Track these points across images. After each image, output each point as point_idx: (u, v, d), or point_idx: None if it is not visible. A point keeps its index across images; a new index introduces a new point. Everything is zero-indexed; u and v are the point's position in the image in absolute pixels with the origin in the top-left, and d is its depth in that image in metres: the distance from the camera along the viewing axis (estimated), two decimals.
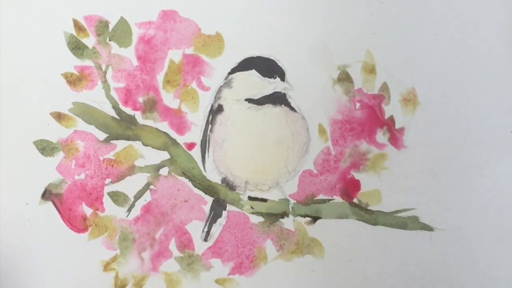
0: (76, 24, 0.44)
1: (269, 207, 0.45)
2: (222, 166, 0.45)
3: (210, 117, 0.45)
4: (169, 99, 0.45)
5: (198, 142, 0.45)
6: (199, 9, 0.45)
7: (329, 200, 0.45)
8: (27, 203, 0.44)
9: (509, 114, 0.45)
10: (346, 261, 0.45)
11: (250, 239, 0.45)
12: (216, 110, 0.44)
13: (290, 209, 0.45)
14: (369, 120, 0.45)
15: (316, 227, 0.45)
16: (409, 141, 0.45)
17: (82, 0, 0.44)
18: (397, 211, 0.45)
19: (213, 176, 0.45)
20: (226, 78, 0.45)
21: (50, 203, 0.44)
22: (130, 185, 0.44)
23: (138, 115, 0.45)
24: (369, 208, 0.45)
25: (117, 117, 0.45)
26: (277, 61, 0.45)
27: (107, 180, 0.44)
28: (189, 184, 0.45)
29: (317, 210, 0.45)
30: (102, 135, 0.44)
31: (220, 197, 0.45)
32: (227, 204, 0.45)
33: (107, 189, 0.44)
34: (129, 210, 0.44)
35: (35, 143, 0.44)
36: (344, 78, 0.45)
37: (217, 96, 0.45)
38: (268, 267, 0.45)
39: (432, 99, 0.45)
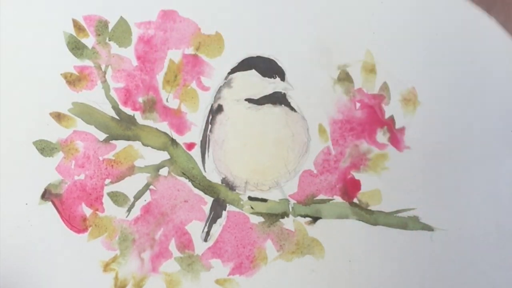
0: (76, 24, 0.44)
1: (269, 207, 0.45)
2: (222, 166, 0.45)
3: (210, 117, 0.45)
4: (169, 99, 0.45)
5: (198, 142, 0.45)
6: (198, 9, 0.45)
7: (329, 200, 0.45)
8: (26, 204, 0.44)
9: (509, 114, 0.45)
10: (346, 261, 0.45)
11: (250, 239, 0.45)
12: (216, 110, 0.44)
13: (290, 209, 0.45)
14: (369, 120, 0.45)
15: (316, 227, 0.45)
16: (409, 141, 0.45)
17: (81, 0, 0.44)
18: (397, 211, 0.45)
19: (213, 176, 0.45)
20: (226, 78, 0.45)
21: (49, 204, 0.44)
22: (130, 186, 0.44)
23: (137, 115, 0.45)
24: (369, 208, 0.45)
25: (117, 117, 0.45)
26: (277, 61, 0.44)
27: (107, 181, 0.44)
28: (189, 184, 0.45)
29: (317, 210, 0.45)
30: (101, 135, 0.44)
31: (220, 197, 0.45)
32: (227, 204, 0.45)
33: (107, 189, 0.44)
34: (129, 210, 0.44)
35: (34, 143, 0.44)
36: (344, 78, 0.45)
37: (217, 96, 0.45)
38: (268, 267, 0.45)
39: (432, 99, 0.45)
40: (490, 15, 0.30)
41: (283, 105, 0.44)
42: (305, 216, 0.45)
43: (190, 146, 0.45)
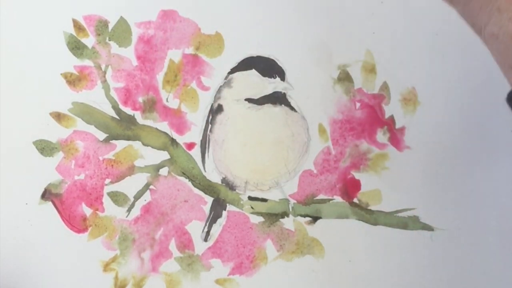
0: (76, 24, 0.44)
1: (269, 207, 0.45)
2: (222, 166, 0.45)
3: (210, 117, 0.45)
4: (169, 99, 0.45)
5: (198, 142, 0.45)
6: (198, 9, 0.45)
7: (329, 200, 0.45)
8: (27, 203, 0.44)
9: (509, 114, 0.45)
10: (346, 261, 0.45)
11: (250, 239, 0.45)
12: (216, 110, 0.44)
13: (290, 209, 0.45)
14: (369, 119, 0.45)
15: (316, 227, 0.45)
16: (409, 140, 0.45)
17: (82, 0, 0.44)
18: (397, 211, 0.45)
19: (213, 176, 0.45)
20: (226, 78, 0.45)
21: (49, 203, 0.44)
22: (130, 185, 0.44)
23: (137, 115, 0.45)
24: (369, 208, 0.45)
25: (117, 117, 0.45)
26: (277, 61, 0.44)
27: (107, 180, 0.44)
28: (189, 184, 0.45)
29: (317, 210, 0.45)
30: (101, 135, 0.44)
31: (220, 197, 0.45)
32: (227, 204, 0.45)
33: (107, 189, 0.44)
34: (129, 210, 0.44)
35: (35, 143, 0.44)
36: (344, 77, 0.45)
37: (217, 96, 0.44)
38: (268, 267, 0.45)
39: (432, 99, 0.45)
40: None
41: (283, 105, 0.44)
42: (305, 216, 0.45)
43: (190, 146, 0.45)
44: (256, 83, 0.44)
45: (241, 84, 0.44)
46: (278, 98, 0.44)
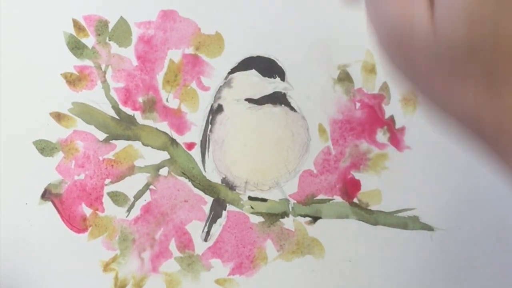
0: (76, 24, 0.44)
1: (269, 207, 0.45)
2: (222, 166, 0.45)
3: (210, 117, 0.45)
4: (169, 99, 0.45)
5: (198, 142, 0.45)
6: (198, 9, 0.45)
7: (329, 200, 0.45)
8: (26, 203, 0.44)
9: None
10: (346, 261, 0.45)
11: (250, 239, 0.45)
12: (216, 110, 0.44)
13: (290, 209, 0.45)
14: (370, 120, 0.45)
15: (316, 227, 0.45)
16: (409, 141, 0.45)
17: (81, 0, 0.44)
18: (397, 211, 0.45)
19: (213, 176, 0.45)
20: (226, 78, 0.45)
21: (49, 203, 0.44)
22: (130, 185, 0.44)
23: (137, 115, 0.45)
24: (369, 208, 0.45)
25: (117, 117, 0.45)
26: (277, 61, 0.44)
27: (107, 180, 0.44)
28: (189, 184, 0.45)
29: (317, 210, 0.45)
30: (101, 135, 0.44)
31: (220, 197, 0.45)
32: (227, 204, 0.45)
33: (106, 189, 0.44)
34: (129, 210, 0.44)
35: (34, 143, 0.44)
36: (344, 78, 0.45)
37: (217, 96, 0.44)
38: (268, 267, 0.45)
39: None
40: None
41: (283, 105, 0.44)
42: (305, 216, 0.45)
43: (190, 146, 0.45)
44: (256, 83, 0.44)
45: (241, 84, 0.44)
46: (278, 98, 0.44)
